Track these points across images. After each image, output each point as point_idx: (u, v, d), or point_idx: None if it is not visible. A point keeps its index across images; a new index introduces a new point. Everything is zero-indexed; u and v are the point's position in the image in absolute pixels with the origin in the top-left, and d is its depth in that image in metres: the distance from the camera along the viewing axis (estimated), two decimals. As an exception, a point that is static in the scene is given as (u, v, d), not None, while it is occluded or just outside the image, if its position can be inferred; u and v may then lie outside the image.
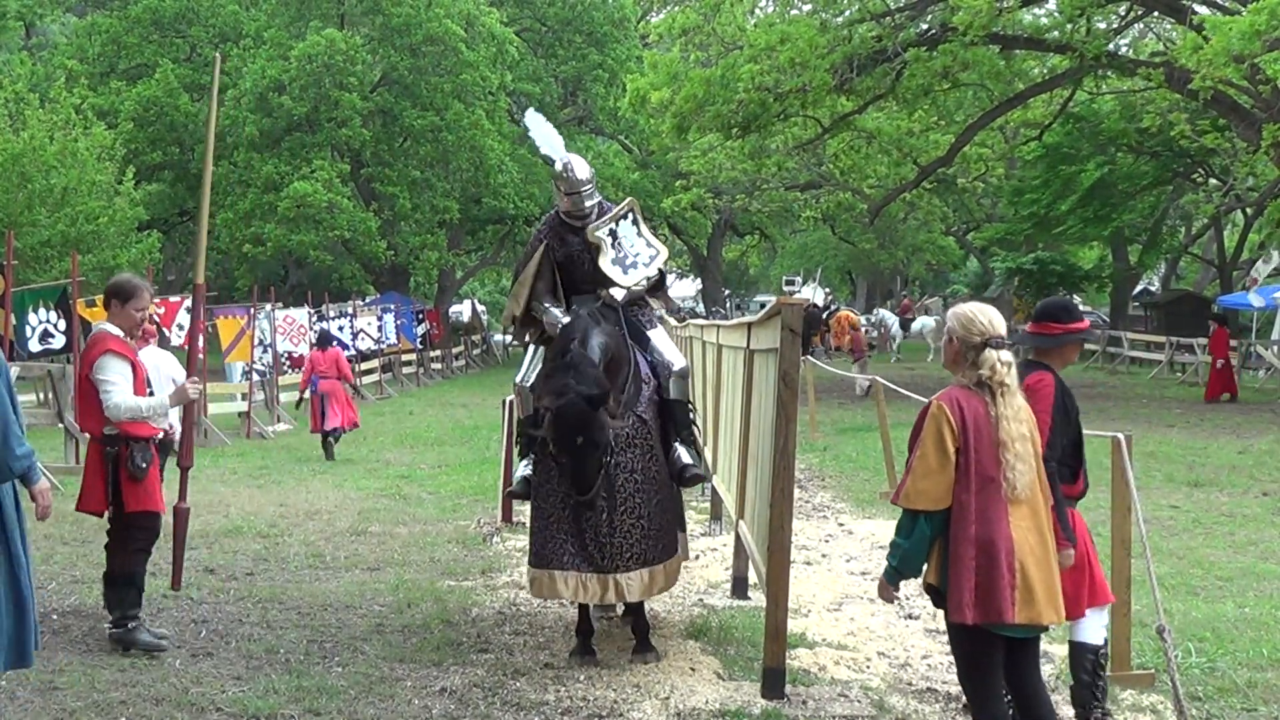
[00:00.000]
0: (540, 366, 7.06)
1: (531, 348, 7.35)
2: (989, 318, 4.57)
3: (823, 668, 6.45)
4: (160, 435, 7.03)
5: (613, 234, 7.09)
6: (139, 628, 6.68)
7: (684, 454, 6.90)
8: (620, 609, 7.07)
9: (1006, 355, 4.51)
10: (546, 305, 7.06)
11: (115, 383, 6.42)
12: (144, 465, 6.54)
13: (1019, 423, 4.48)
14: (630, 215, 7.25)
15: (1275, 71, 21.63)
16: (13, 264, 14.53)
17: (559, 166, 7.28)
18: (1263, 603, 7.86)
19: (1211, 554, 9.49)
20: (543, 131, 7.71)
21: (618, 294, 7.09)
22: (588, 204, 7.16)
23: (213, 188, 39.38)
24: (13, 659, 4.83)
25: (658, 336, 7.25)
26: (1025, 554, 4.40)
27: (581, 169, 7.21)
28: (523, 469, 6.95)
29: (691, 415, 7.30)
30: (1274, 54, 20.18)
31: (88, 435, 6.93)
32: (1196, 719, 5.65)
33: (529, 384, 7.03)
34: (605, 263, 7.02)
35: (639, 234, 7.22)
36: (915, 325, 40.97)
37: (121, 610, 6.66)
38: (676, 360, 7.13)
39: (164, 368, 12.84)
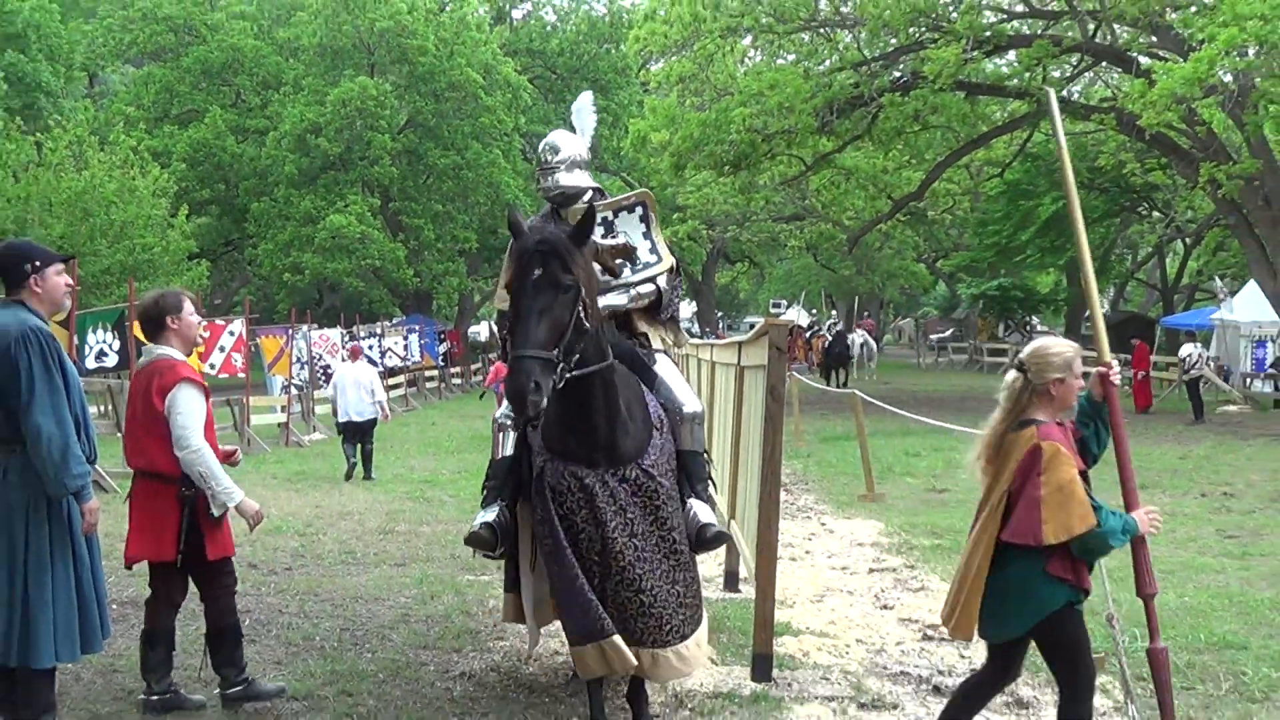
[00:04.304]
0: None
1: None
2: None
3: (806, 653, 6.44)
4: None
5: (607, 224, 5.55)
6: (254, 678, 5.64)
7: (701, 511, 5.21)
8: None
9: None
10: None
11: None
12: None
13: None
14: (640, 209, 5.64)
15: (1210, 115, 21.79)
16: (77, 289, 14.57)
17: (543, 143, 5.68)
18: (1200, 593, 7.87)
19: (1155, 549, 9.37)
20: (582, 114, 6.09)
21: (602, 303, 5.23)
22: (564, 181, 5.52)
23: (254, 221, 39.78)
24: (78, 648, 4.84)
25: (665, 370, 5.48)
26: None
27: (564, 146, 5.57)
28: (484, 514, 5.34)
29: (708, 466, 5.58)
30: (1210, 99, 20.32)
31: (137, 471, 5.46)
32: (1142, 697, 5.65)
33: (510, 422, 5.36)
34: None
35: (645, 234, 5.60)
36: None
37: (238, 666, 5.56)
38: (688, 401, 5.36)
39: (363, 381, 14.67)
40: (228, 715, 5.40)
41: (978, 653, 6.46)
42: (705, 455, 5.44)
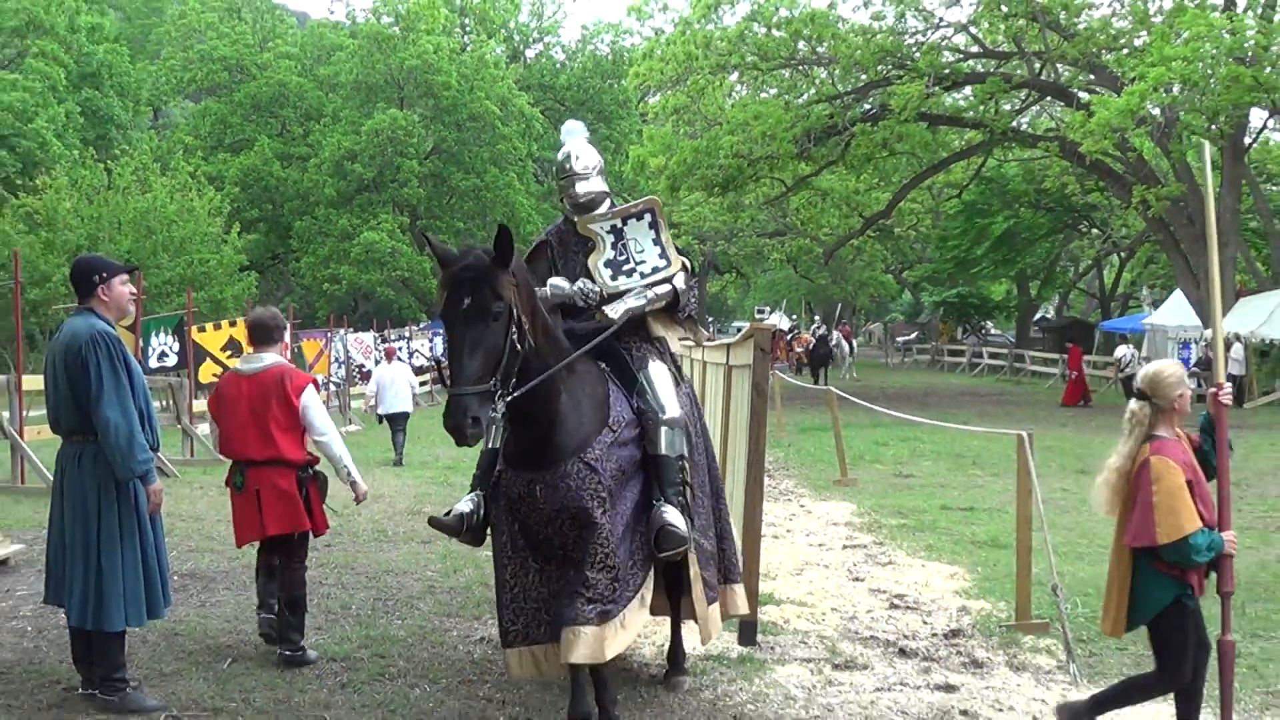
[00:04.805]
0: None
1: None
2: None
3: (787, 620, 6.44)
4: None
5: (617, 232, 5.04)
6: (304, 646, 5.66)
7: (669, 514, 4.54)
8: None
9: None
10: None
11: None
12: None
13: None
14: (648, 215, 5.09)
15: (1140, 144, 21.84)
16: (141, 298, 14.59)
17: (561, 152, 5.24)
18: (1137, 567, 7.86)
19: (1094, 526, 9.45)
20: (573, 135, 5.38)
21: (615, 311, 4.90)
22: (592, 188, 5.11)
23: (297, 237, 40.01)
24: (145, 614, 4.86)
25: (655, 375, 4.90)
26: None
27: (584, 155, 5.15)
28: (462, 504, 4.87)
29: (681, 475, 4.73)
30: (1140, 129, 20.41)
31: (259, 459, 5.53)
32: (1081, 657, 5.67)
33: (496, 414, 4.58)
34: (596, 261, 5.00)
35: (655, 239, 5.08)
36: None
37: (301, 632, 5.62)
38: (668, 407, 4.76)
39: (400, 379, 15.01)
40: (276, 674, 5.40)
41: (939, 620, 6.47)
42: (681, 462, 4.72)
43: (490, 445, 4.85)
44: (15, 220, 26.76)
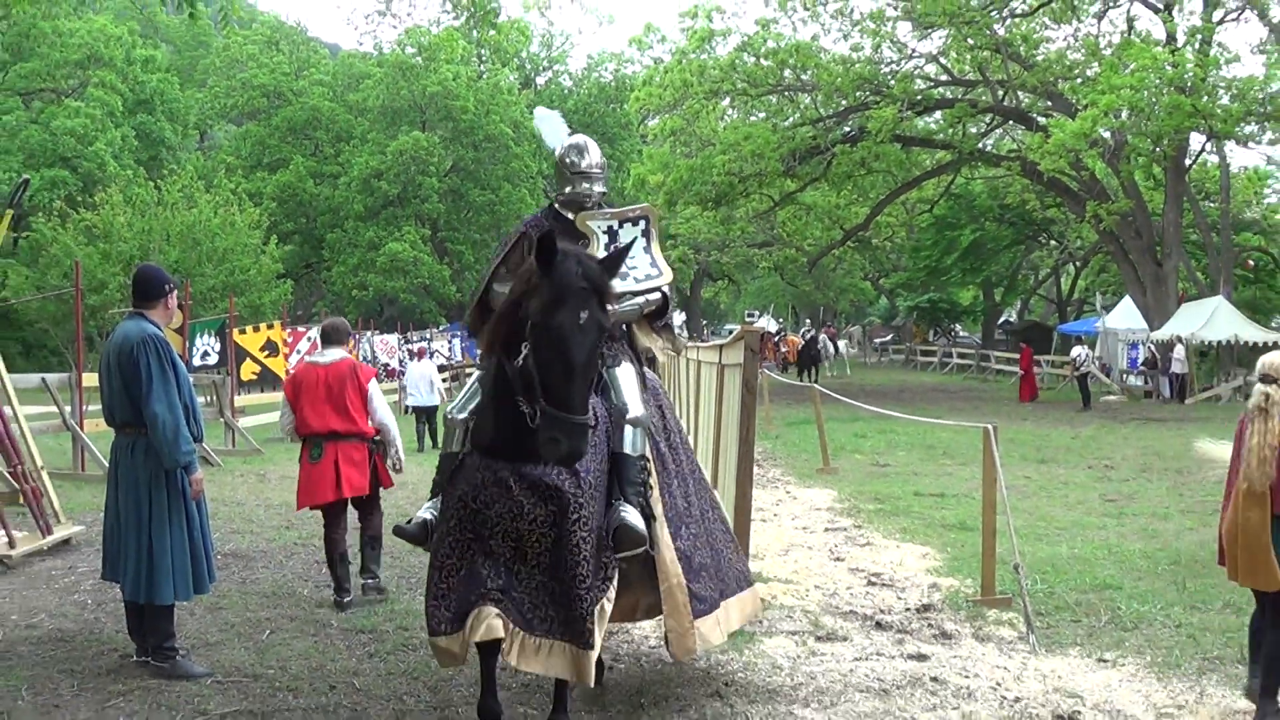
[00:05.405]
0: (476, 400, 4.14)
1: (472, 378, 4.42)
2: None
3: (774, 597, 6.42)
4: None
5: (611, 233, 4.45)
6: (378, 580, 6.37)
7: (628, 512, 3.96)
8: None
9: None
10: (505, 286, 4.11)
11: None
12: None
13: None
14: (643, 223, 4.52)
15: (1092, 163, 21.83)
16: (188, 303, 14.58)
17: (565, 146, 4.57)
18: (1087, 545, 7.87)
19: (1052, 510, 9.49)
20: (551, 125, 4.79)
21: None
22: (596, 188, 4.50)
23: (328, 248, 39.86)
24: (192, 589, 4.88)
25: (622, 375, 4.29)
26: None
27: (590, 151, 4.54)
28: (424, 511, 4.28)
29: (644, 475, 4.14)
30: (1093, 150, 20.41)
31: (337, 431, 6.08)
32: (1040, 629, 5.67)
33: (461, 416, 4.14)
34: None
35: (646, 248, 4.51)
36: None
37: (378, 564, 6.29)
38: (632, 407, 4.15)
39: (426, 374, 15.29)
40: (310, 644, 5.39)
41: (912, 596, 6.46)
42: (643, 462, 4.15)
43: (453, 449, 4.17)
44: (76, 234, 26.77)
